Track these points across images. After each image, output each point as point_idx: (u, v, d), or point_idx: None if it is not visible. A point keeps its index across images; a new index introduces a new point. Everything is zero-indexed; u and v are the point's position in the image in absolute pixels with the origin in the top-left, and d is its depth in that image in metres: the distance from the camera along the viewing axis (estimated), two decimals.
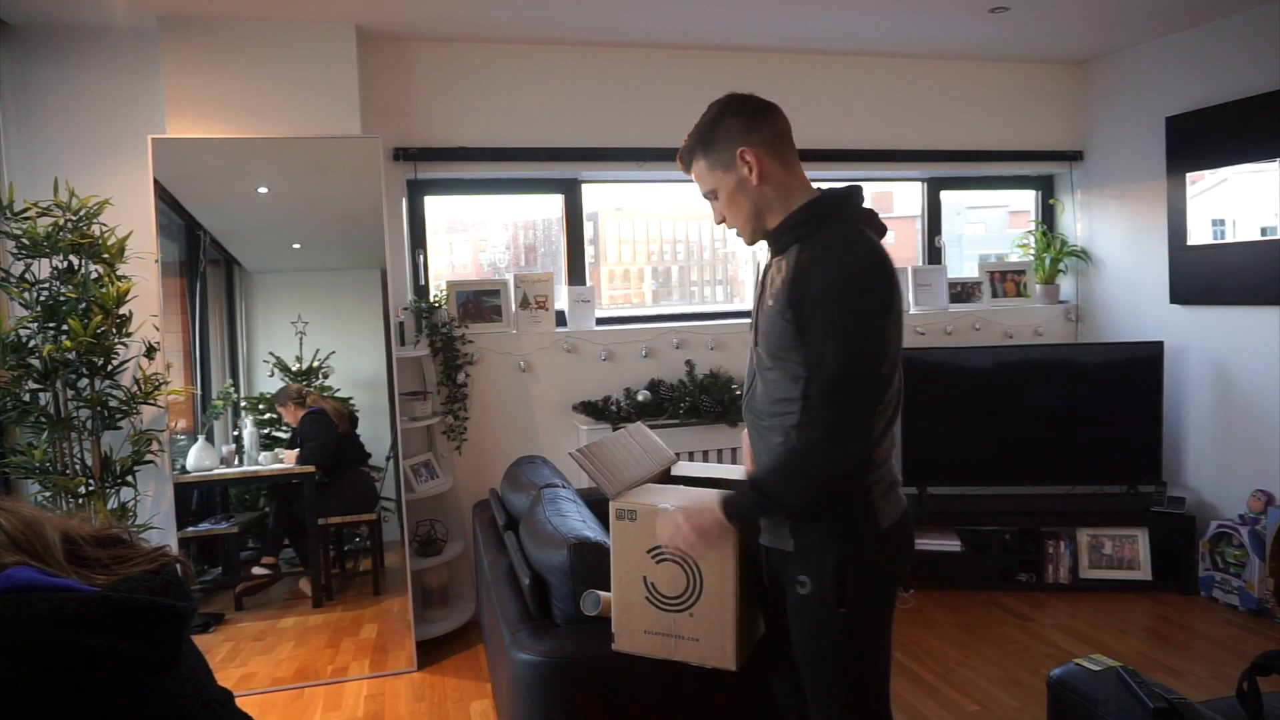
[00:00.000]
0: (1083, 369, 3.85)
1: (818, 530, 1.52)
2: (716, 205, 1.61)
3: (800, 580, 1.53)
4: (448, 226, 4.03)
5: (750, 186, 1.54)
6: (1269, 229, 3.42)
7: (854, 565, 1.51)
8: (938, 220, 4.40)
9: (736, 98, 1.58)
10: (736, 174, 1.54)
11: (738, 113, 1.56)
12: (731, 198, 1.57)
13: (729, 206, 1.58)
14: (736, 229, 1.61)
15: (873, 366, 1.42)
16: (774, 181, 1.54)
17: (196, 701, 0.81)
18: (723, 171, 1.56)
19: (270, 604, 3.38)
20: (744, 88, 1.60)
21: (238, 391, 3.39)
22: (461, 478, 3.62)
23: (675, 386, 3.72)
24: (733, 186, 1.55)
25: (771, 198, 1.55)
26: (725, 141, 1.54)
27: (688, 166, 1.63)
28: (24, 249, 2.76)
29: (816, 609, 1.52)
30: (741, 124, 1.54)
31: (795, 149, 1.59)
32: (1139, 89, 3.99)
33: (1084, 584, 3.68)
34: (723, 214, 1.61)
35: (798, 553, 1.54)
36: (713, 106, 1.59)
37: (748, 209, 1.56)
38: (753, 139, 1.53)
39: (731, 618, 1.65)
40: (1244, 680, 1.61)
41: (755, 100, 1.58)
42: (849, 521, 1.52)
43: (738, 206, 1.57)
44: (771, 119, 1.57)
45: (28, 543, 0.81)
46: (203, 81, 3.10)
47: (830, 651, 1.54)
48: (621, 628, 1.76)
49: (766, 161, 1.53)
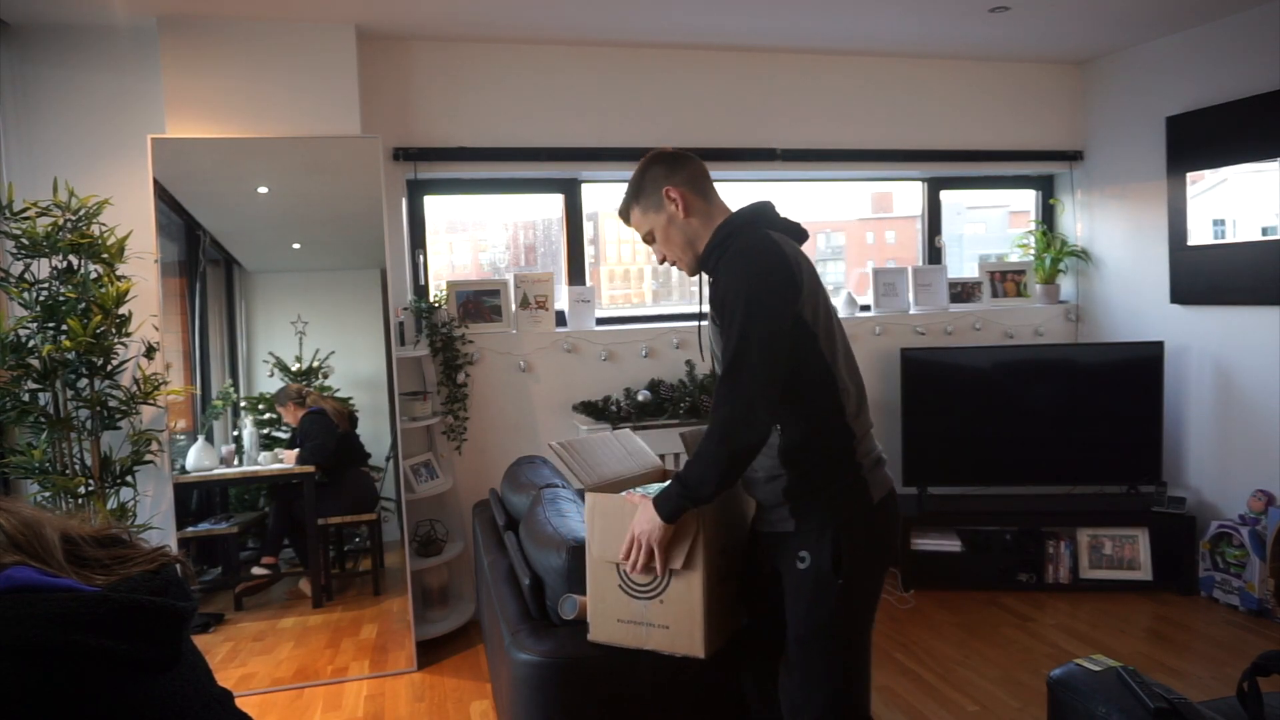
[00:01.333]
0: (1083, 369, 3.85)
1: (816, 508, 1.64)
2: (656, 246, 1.80)
3: (800, 556, 1.64)
4: (448, 226, 4.03)
5: (679, 220, 1.74)
6: (1269, 229, 3.42)
7: (849, 538, 1.63)
8: (938, 220, 4.40)
9: (656, 152, 1.80)
10: (665, 212, 1.74)
11: (659, 162, 1.77)
12: (665, 233, 1.76)
13: (665, 242, 1.77)
14: (676, 263, 1.79)
15: (766, 354, 1.57)
16: (698, 214, 1.74)
17: (196, 702, 0.81)
18: (654, 213, 1.76)
19: (270, 604, 3.38)
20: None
21: (237, 391, 3.38)
22: (461, 478, 3.62)
23: (675, 386, 3.72)
24: (665, 224, 1.75)
25: (699, 228, 1.74)
26: (652, 186, 1.75)
27: (627, 219, 1.82)
28: (24, 249, 2.76)
29: (815, 581, 1.63)
30: (663, 170, 1.75)
31: (714, 186, 1.79)
32: (1139, 89, 3.99)
33: (1084, 584, 3.68)
34: (662, 252, 1.80)
35: (798, 532, 1.65)
36: (639, 165, 1.80)
37: (680, 240, 1.75)
38: (675, 180, 1.74)
39: (700, 604, 1.68)
40: (1244, 680, 1.61)
41: (672, 151, 1.80)
42: (845, 497, 1.65)
43: (671, 240, 1.76)
44: (688, 163, 1.78)
45: (27, 543, 0.81)
46: (202, 81, 3.10)
47: (826, 622, 1.64)
48: (596, 617, 1.80)
49: (690, 197, 1.74)
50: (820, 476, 1.65)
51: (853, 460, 1.66)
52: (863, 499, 1.66)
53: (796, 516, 1.66)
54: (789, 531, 1.67)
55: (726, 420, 1.58)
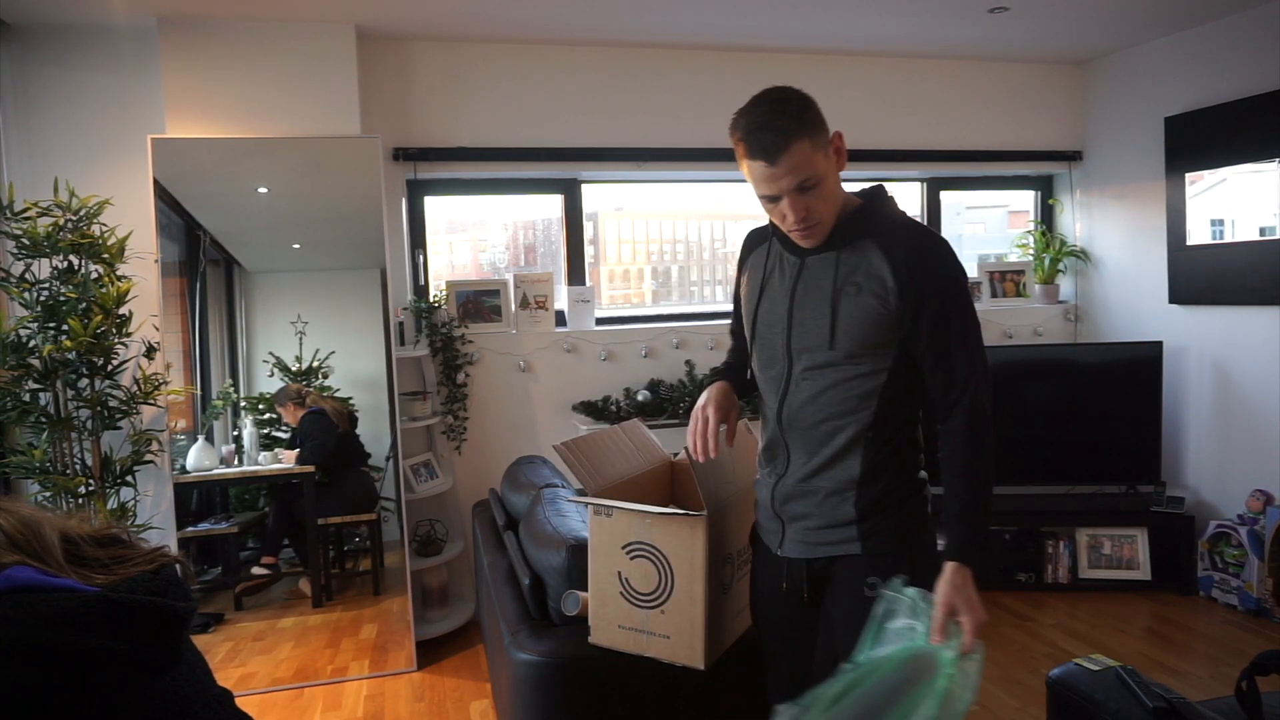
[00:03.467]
0: (1082, 369, 3.86)
1: (885, 529, 1.46)
2: (802, 198, 1.38)
3: (870, 583, 1.42)
4: (447, 226, 4.03)
5: (833, 176, 1.42)
6: (1268, 229, 3.42)
7: (924, 560, 1.45)
8: (937, 220, 4.40)
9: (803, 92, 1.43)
10: (831, 161, 1.41)
11: (813, 102, 1.41)
12: (832, 189, 1.42)
13: (822, 197, 1.40)
14: (813, 227, 1.43)
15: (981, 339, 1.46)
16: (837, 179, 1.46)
17: (196, 702, 0.81)
18: (824, 156, 1.38)
19: (270, 604, 3.38)
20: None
21: (237, 391, 3.39)
22: (461, 478, 3.62)
23: (675, 386, 3.73)
24: (834, 175, 1.42)
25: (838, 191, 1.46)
26: (822, 125, 1.39)
27: (783, 149, 1.34)
28: (24, 249, 2.76)
29: None
30: (820, 113, 1.41)
31: None
32: (1138, 89, 3.99)
33: (1083, 584, 3.69)
34: (808, 206, 1.39)
35: (867, 554, 1.46)
36: (789, 94, 1.39)
37: (832, 198, 1.42)
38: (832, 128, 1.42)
39: (701, 616, 1.66)
40: (1243, 680, 1.61)
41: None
42: (913, 517, 1.48)
43: (829, 194, 1.41)
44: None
45: (27, 543, 0.81)
46: (202, 81, 3.10)
47: None
48: (597, 620, 1.79)
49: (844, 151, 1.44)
50: (894, 496, 1.46)
51: (919, 472, 1.51)
52: (926, 516, 1.50)
53: (864, 539, 1.45)
54: (852, 555, 1.46)
55: (983, 402, 1.41)
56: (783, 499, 1.55)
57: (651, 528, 1.70)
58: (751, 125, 1.37)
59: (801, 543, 1.53)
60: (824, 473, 1.49)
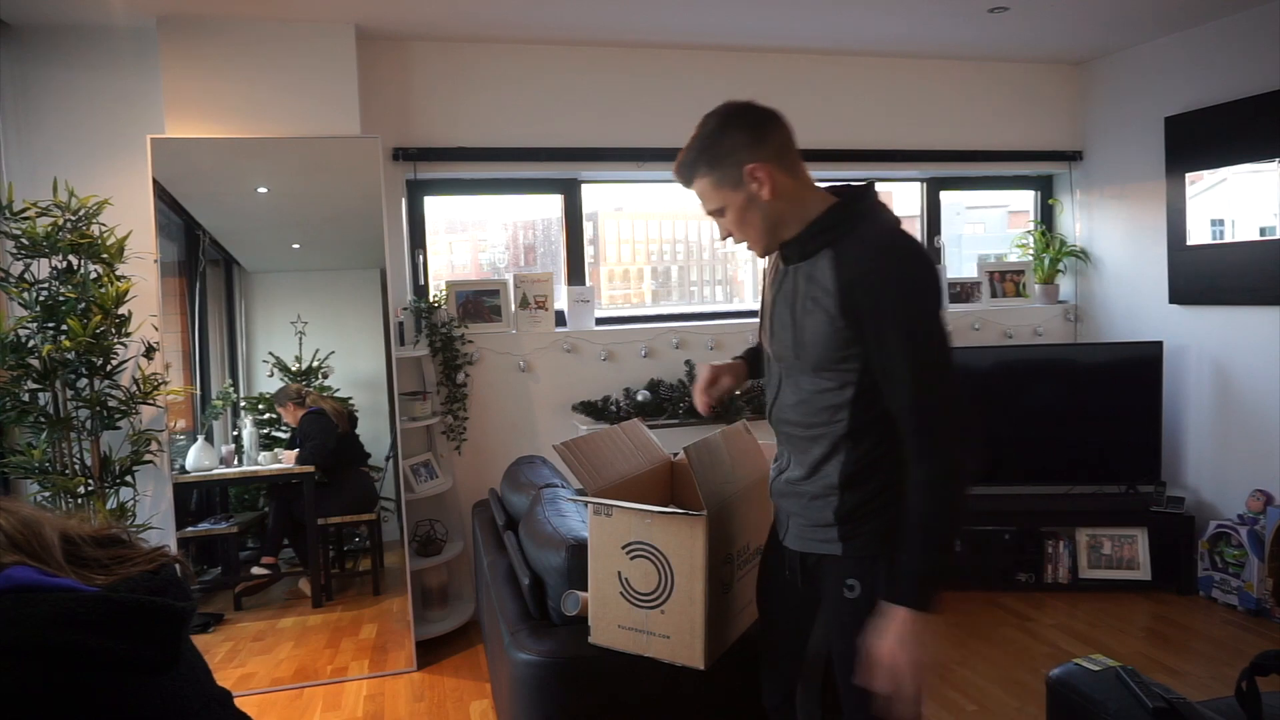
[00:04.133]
0: (1082, 369, 3.86)
1: (866, 533, 1.46)
2: (723, 222, 1.48)
3: (848, 584, 1.47)
4: (447, 226, 4.03)
5: (762, 203, 1.42)
6: (1268, 229, 3.42)
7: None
8: (937, 220, 4.40)
9: (736, 108, 1.43)
10: (745, 191, 1.41)
11: (740, 125, 1.41)
12: (742, 216, 1.44)
13: (740, 225, 1.46)
14: (745, 243, 1.50)
15: (949, 354, 1.38)
16: (786, 194, 1.42)
17: (196, 702, 0.81)
18: (730, 189, 1.42)
19: (270, 604, 3.38)
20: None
21: (237, 391, 3.38)
22: (461, 478, 3.62)
23: (675, 386, 3.72)
24: (742, 204, 1.43)
25: (785, 210, 1.43)
26: (731, 157, 1.41)
27: (688, 182, 1.47)
28: (23, 249, 2.76)
29: (868, 612, 1.43)
30: (746, 138, 1.40)
31: (800, 156, 1.47)
32: (1138, 89, 3.99)
33: (1083, 584, 3.68)
34: (729, 231, 1.49)
35: (846, 556, 1.47)
36: (711, 118, 1.44)
37: (761, 225, 1.45)
38: (761, 153, 1.40)
39: (701, 616, 1.67)
40: (1243, 680, 1.61)
41: (757, 109, 1.44)
42: (896, 524, 1.45)
43: (749, 224, 1.45)
44: (776, 128, 1.44)
45: (26, 543, 0.81)
46: (202, 82, 3.10)
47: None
48: (597, 621, 1.79)
49: (778, 176, 1.41)
50: (876, 501, 1.46)
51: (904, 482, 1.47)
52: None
53: (845, 540, 1.48)
54: (834, 555, 1.49)
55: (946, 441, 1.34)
56: (778, 495, 1.61)
57: (651, 528, 1.70)
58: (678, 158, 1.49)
59: (797, 536, 1.57)
60: (809, 478, 1.51)
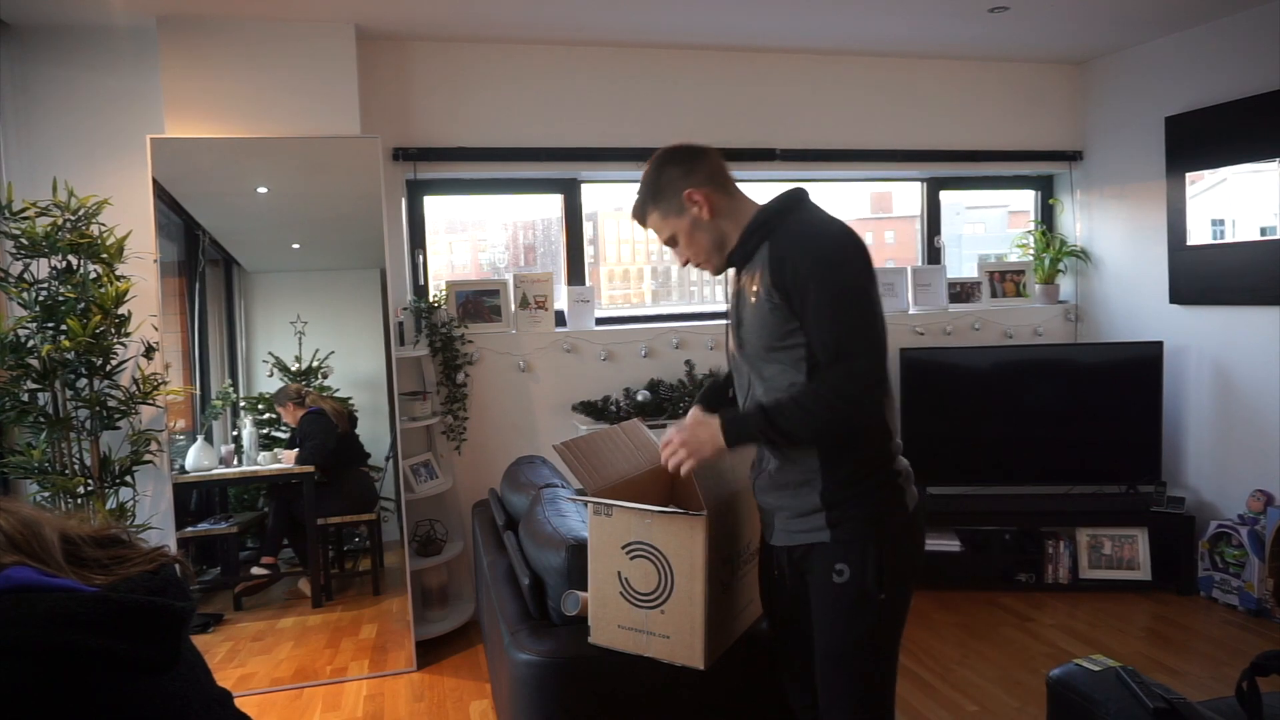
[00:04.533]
0: (1082, 369, 3.85)
1: (854, 517, 1.54)
2: (679, 250, 1.69)
3: (837, 569, 1.54)
4: (447, 226, 4.03)
5: (704, 223, 1.63)
6: (1268, 229, 3.42)
7: (892, 549, 1.54)
8: (937, 220, 4.40)
9: (668, 150, 1.67)
10: (688, 215, 1.63)
11: (673, 162, 1.64)
12: (690, 238, 1.65)
13: (690, 246, 1.66)
14: (701, 265, 1.69)
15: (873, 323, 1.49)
16: (724, 213, 1.63)
17: (196, 702, 0.81)
18: (675, 217, 1.64)
19: (269, 604, 3.38)
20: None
21: (237, 391, 3.38)
22: (461, 478, 3.62)
23: (675, 386, 3.72)
24: (688, 227, 1.64)
25: (726, 227, 1.63)
26: (670, 189, 1.63)
27: (644, 221, 1.70)
28: (23, 249, 2.76)
29: (856, 597, 1.53)
30: (680, 170, 1.62)
31: (733, 179, 1.68)
32: (1139, 89, 3.99)
33: (1084, 584, 3.68)
34: (686, 255, 1.69)
35: (835, 542, 1.54)
36: (650, 164, 1.67)
37: (707, 244, 1.65)
38: (694, 180, 1.62)
39: (700, 616, 1.67)
40: (1243, 680, 1.61)
41: (686, 147, 1.67)
42: (884, 505, 1.55)
43: (698, 244, 1.65)
44: (704, 158, 1.65)
45: (26, 543, 0.81)
46: (202, 81, 3.10)
47: (864, 638, 1.56)
48: (597, 621, 1.80)
49: (714, 197, 1.62)
50: (860, 480, 1.54)
51: (890, 463, 1.58)
52: (900, 506, 1.57)
53: (833, 526, 1.54)
54: (822, 543, 1.55)
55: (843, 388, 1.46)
56: (761, 491, 1.68)
57: (651, 527, 1.70)
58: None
59: (783, 531, 1.63)
60: (789, 465, 1.59)
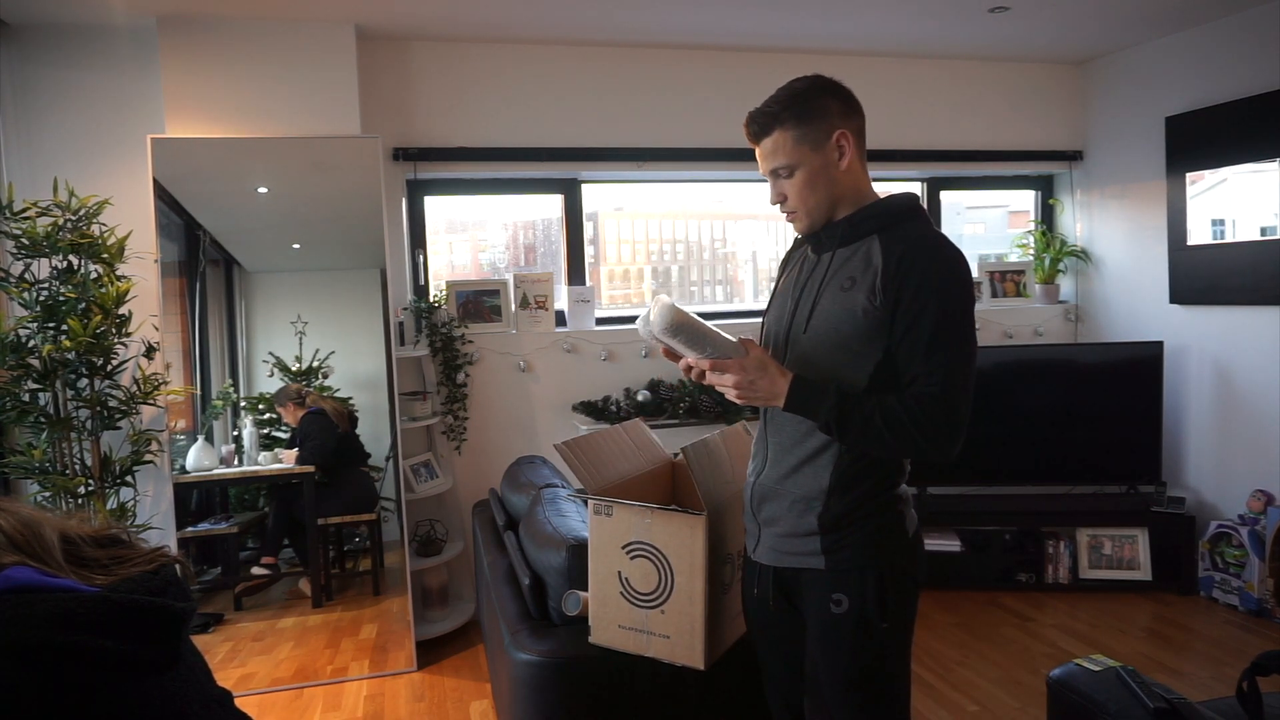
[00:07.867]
0: (1082, 369, 3.85)
1: (851, 544, 1.43)
2: (780, 183, 1.46)
3: (835, 599, 1.42)
4: (447, 226, 4.03)
5: (835, 173, 1.43)
6: (1269, 229, 3.42)
7: (892, 577, 1.43)
8: (937, 220, 4.40)
9: (828, 79, 1.45)
10: (825, 155, 1.42)
11: (834, 94, 1.43)
12: (811, 180, 1.43)
13: (804, 188, 1.43)
14: (796, 212, 1.47)
15: (973, 358, 1.40)
16: (854, 173, 1.44)
17: (196, 702, 0.81)
18: (810, 149, 1.41)
19: (270, 604, 3.38)
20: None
21: (237, 391, 3.38)
22: (461, 478, 3.62)
23: (675, 386, 3.72)
24: (817, 168, 1.42)
25: (849, 189, 1.44)
26: (822, 119, 1.41)
27: (766, 131, 1.44)
28: (23, 249, 2.76)
29: (857, 627, 1.42)
30: (840, 106, 1.43)
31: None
32: (1139, 89, 3.99)
33: (1084, 584, 3.68)
34: (785, 193, 1.46)
35: (830, 570, 1.43)
36: (801, 80, 1.45)
37: (824, 196, 1.44)
38: (850, 123, 1.43)
39: (701, 616, 1.66)
40: (1244, 680, 1.61)
41: (847, 88, 1.46)
42: (884, 532, 1.44)
43: (814, 190, 1.43)
44: (860, 110, 1.46)
45: (26, 543, 0.81)
46: (202, 81, 3.10)
47: (872, 668, 1.44)
48: (597, 621, 1.79)
49: (858, 154, 1.44)
50: (865, 506, 1.43)
51: (895, 489, 1.47)
52: (900, 534, 1.46)
53: (828, 552, 1.43)
54: (816, 569, 1.45)
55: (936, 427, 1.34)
56: (758, 499, 1.55)
57: (651, 527, 1.70)
58: (755, 108, 1.48)
59: (771, 549, 1.53)
60: (795, 475, 1.48)
